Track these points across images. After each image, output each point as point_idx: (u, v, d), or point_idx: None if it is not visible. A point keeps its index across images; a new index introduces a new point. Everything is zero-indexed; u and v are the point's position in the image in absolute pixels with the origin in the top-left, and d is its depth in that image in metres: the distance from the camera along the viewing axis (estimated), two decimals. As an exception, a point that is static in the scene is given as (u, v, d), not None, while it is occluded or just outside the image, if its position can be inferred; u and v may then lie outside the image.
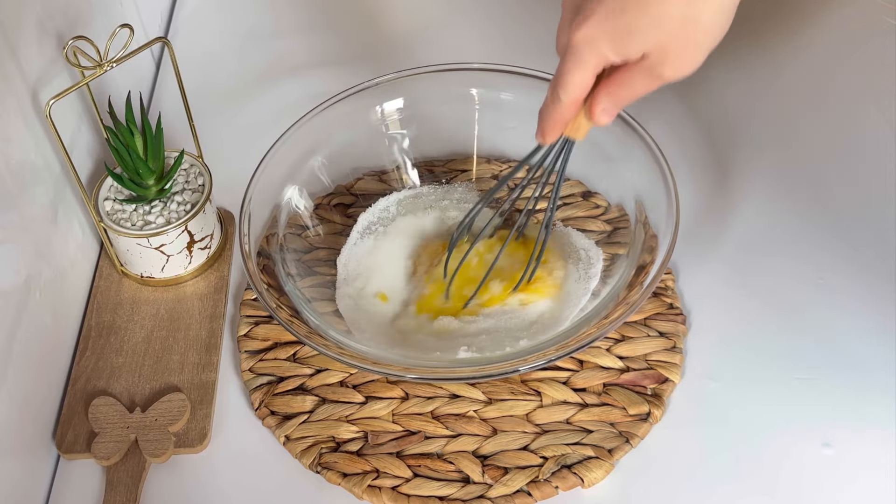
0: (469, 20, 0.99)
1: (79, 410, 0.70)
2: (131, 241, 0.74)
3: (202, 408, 0.70)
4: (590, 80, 0.57)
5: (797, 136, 0.85)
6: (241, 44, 0.99)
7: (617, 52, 0.55)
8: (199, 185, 0.77)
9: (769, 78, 0.90)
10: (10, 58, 0.67)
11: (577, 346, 0.62)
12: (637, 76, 0.56)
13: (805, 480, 0.65)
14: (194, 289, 0.77)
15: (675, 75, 0.56)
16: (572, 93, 0.58)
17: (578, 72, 0.56)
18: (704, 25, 0.54)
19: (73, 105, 0.77)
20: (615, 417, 0.68)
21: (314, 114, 0.75)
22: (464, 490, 0.65)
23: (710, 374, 0.71)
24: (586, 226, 0.77)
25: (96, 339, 0.74)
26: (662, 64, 0.55)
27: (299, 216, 0.76)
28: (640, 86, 0.57)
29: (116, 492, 0.65)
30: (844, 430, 0.67)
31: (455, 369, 0.65)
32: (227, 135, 0.88)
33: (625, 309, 0.63)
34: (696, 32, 0.54)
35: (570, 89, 0.57)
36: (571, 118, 0.60)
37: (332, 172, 0.79)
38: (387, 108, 0.78)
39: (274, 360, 0.72)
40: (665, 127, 0.84)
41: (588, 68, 0.56)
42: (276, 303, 0.66)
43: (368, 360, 0.63)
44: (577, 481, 0.65)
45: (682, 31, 0.53)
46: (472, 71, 0.77)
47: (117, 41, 0.69)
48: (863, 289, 0.74)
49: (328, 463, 0.67)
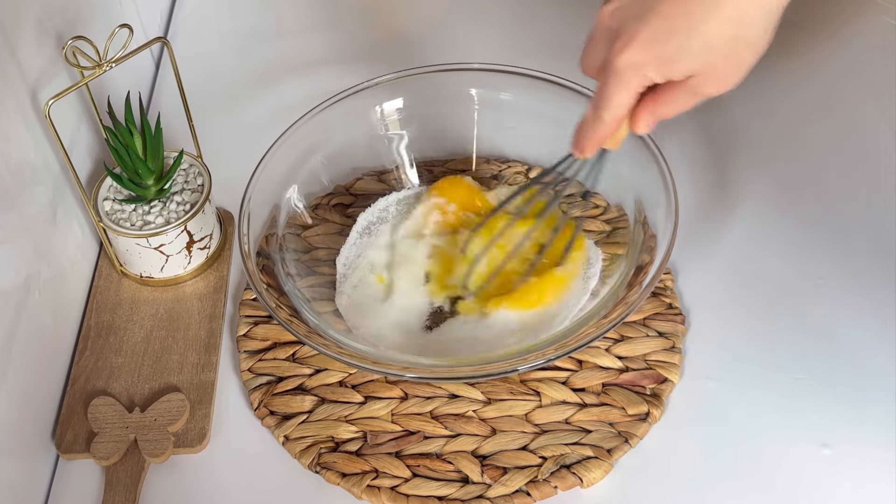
0: (468, 20, 0.99)
1: (78, 410, 0.70)
2: (131, 241, 0.74)
3: (201, 408, 0.70)
4: (633, 101, 0.57)
5: (797, 136, 0.85)
6: (240, 44, 0.99)
7: (663, 75, 0.55)
8: (198, 185, 0.77)
9: (768, 78, 0.90)
10: (10, 58, 0.67)
11: (577, 346, 0.62)
12: (680, 94, 0.56)
13: (804, 480, 0.65)
14: (193, 289, 0.77)
15: (717, 92, 0.56)
16: (616, 113, 0.57)
17: (622, 94, 0.56)
18: (751, 44, 0.54)
19: (73, 105, 0.77)
20: (614, 417, 0.68)
21: (313, 114, 0.75)
22: (463, 490, 0.65)
23: (709, 374, 0.71)
24: (586, 225, 0.77)
25: (95, 339, 0.74)
26: (707, 83, 0.55)
27: (299, 216, 0.76)
28: (683, 103, 0.57)
29: (116, 492, 0.65)
30: (843, 431, 0.67)
31: (454, 369, 0.65)
32: (227, 135, 0.88)
33: (624, 309, 0.63)
34: (745, 51, 0.54)
35: (614, 110, 0.57)
36: (612, 135, 0.60)
37: (331, 172, 0.79)
38: (386, 107, 0.79)
39: (273, 360, 0.72)
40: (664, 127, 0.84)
41: (631, 90, 0.56)
42: (275, 302, 0.66)
43: (368, 359, 0.63)
44: (576, 481, 0.65)
45: (731, 51, 0.53)
46: (471, 71, 0.77)
47: (117, 41, 0.69)
48: (862, 289, 0.74)
49: (327, 463, 0.67)
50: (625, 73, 0.55)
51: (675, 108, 0.57)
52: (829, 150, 0.84)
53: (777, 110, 0.87)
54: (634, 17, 0.54)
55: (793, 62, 0.91)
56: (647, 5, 0.54)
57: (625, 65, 0.54)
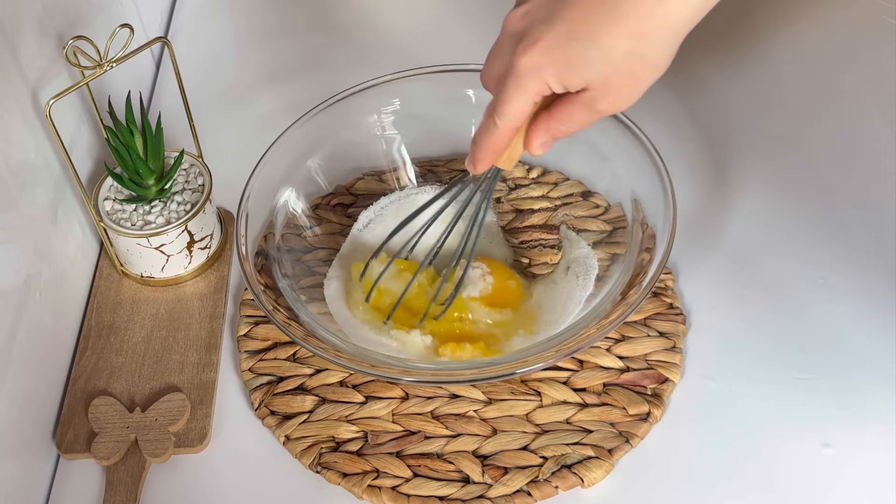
0: (466, 21, 0.99)
1: (79, 410, 0.70)
2: (131, 241, 0.74)
3: (202, 408, 0.70)
4: (529, 109, 0.56)
5: (796, 136, 0.85)
6: (241, 44, 0.99)
7: (561, 81, 0.54)
8: (198, 184, 0.77)
9: (768, 77, 0.90)
10: (10, 58, 0.67)
11: (578, 347, 0.62)
12: (576, 109, 0.55)
13: (804, 480, 0.65)
14: (194, 289, 0.77)
15: (611, 109, 0.55)
16: (509, 121, 0.56)
17: (519, 99, 0.55)
18: (649, 62, 0.53)
19: (73, 105, 0.77)
20: (615, 417, 0.68)
21: (313, 114, 0.75)
22: (464, 490, 0.65)
23: (710, 373, 0.71)
24: (586, 225, 0.77)
25: (96, 339, 0.74)
26: (603, 98, 0.54)
27: (298, 216, 0.76)
28: (578, 120, 0.56)
29: (116, 492, 0.65)
30: (844, 430, 0.67)
31: (454, 372, 0.65)
32: (227, 135, 0.88)
33: (624, 309, 0.63)
34: (641, 68, 0.53)
35: (508, 117, 0.56)
36: (505, 147, 0.59)
37: (330, 172, 0.79)
38: (385, 108, 0.78)
39: (274, 359, 0.72)
40: (663, 126, 0.84)
41: (529, 96, 0.55)
42: (273, 305, 0.66)
43: (366, 363, 0.63)
44: (576, 481, 0.65)
45: (627, 66, 0.53)
46: (469, 72, 0.77)
47: (117, 41, 0.69)
48: (863, 288, 0.74)
49: (328, 463, 0.67)
50: (524, 76, 0.54)
51: (571, 125, 0.56)
52: (829, 150, 0.84)
53: (776, 109, 0.88)
54: (541, 20, 0.54)
55: (792, 61, 0.91)
56: (553, 9, 0.53)
57: (526, 67, 0.54)
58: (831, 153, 0.83)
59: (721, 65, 0.91)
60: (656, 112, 0.85)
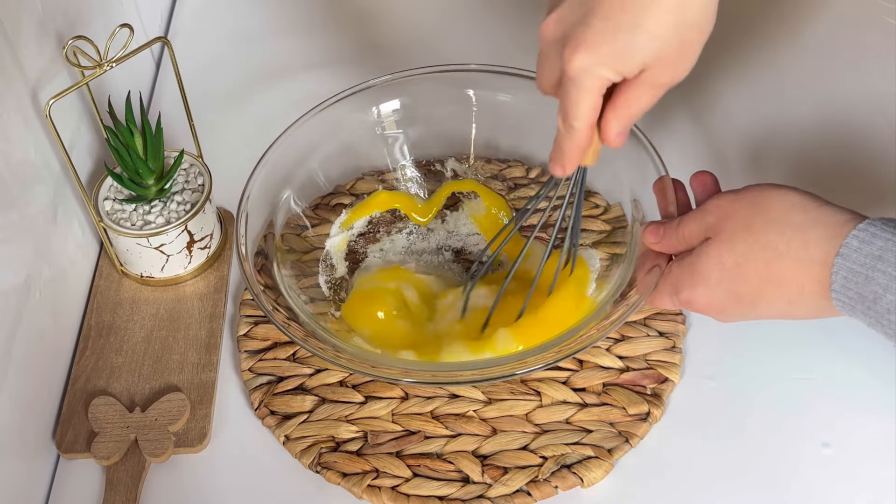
0: (467, 22, 0.99)
1: (79, 410, 0.70)
2: (131, 241, 0.74)
3: (202, 407, 0.70)
4: (598, 103, 0.56)
5: (796, 136, 0.85)
6: (241, 44, 0.99)
7: (618, 72, 0.54)
8: (198, 184, 0.77)
9: (768, 77, 0.90)
10: (10, 58, 0.67)
11: (579, 348, 0.62)
12: (640, 91, 0.56)
13: (804, 480, 0.65)
14: (194, 288, 0.77)
15: (673, 80, 0.55)
16: (585, 120, 0.57)
17: (585, 98, 0.56)
18: (696, 26, 0.54)
19: (73, 105, 0.77)
20: (615, 417, 0.68)
21: (313, 114, 0.75)
22: (463, 490, 0.65)
23: (710, 373, 0.71)
24: (587, 225, 0.77)
25: (96, 339, 0.74)
26: (662, 73, 0.54)
27: (298, 216, 0.76)
28: (645, 99, 0.56)
29: (116, 491, 0.65)
30: (844, 430, 0.67)
31: (454, 373, 0.65)
32: (227, 135, 0.88)
33: (625, 310, 0.63)
34: (690, 33, 0.54)
35: (582, 118, 0.56)
36: (589, 144, 0.59)
37: (330, 173, 0.79)
38: (385, 108, 0.78)
39: (274, 359, 0.72)
40: (662, 126, 0.84)
41: (592, 95, 0.55)
42: (272, 305, 0.65)
43: (366, 363, 0.63)
44: (576, 481, 0.65)
45: (676, 37, 0.53)
46: (469, 72, 0.77)
47: (117, 41, 0.69)
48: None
49: (328, 463, 0.67)
50: (581, 78, 0.54)
51: (639, 105, 0.57)
52: (829, 150, 0.84)
53: (775, 109, 0.88)
54: (577, 23, 0.54)
55: (792, 62, 0.91)
56: (586, 9, 0.53)
57: (579, 69, 0.54)
58: (830, 155, 0.83)
59: (720, 64, 0.91)
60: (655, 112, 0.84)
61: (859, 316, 0.54)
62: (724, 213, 0.59)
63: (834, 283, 0.54)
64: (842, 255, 0.54)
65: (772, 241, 0.56)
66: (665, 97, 0.57)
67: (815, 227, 0.55)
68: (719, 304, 0.59)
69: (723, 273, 0.58)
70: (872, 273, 0.52)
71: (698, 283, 0.59)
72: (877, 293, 0.52)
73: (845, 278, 0.53)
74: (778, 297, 0.57)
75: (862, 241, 0.53)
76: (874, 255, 0.52)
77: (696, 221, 0.61)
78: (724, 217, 0.59)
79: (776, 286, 0.56)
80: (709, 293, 0.59)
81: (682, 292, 0.61)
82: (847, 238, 0.54)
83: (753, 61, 0.91)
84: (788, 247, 0.56)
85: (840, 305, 0.54)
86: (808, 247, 0.55)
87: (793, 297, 0.56)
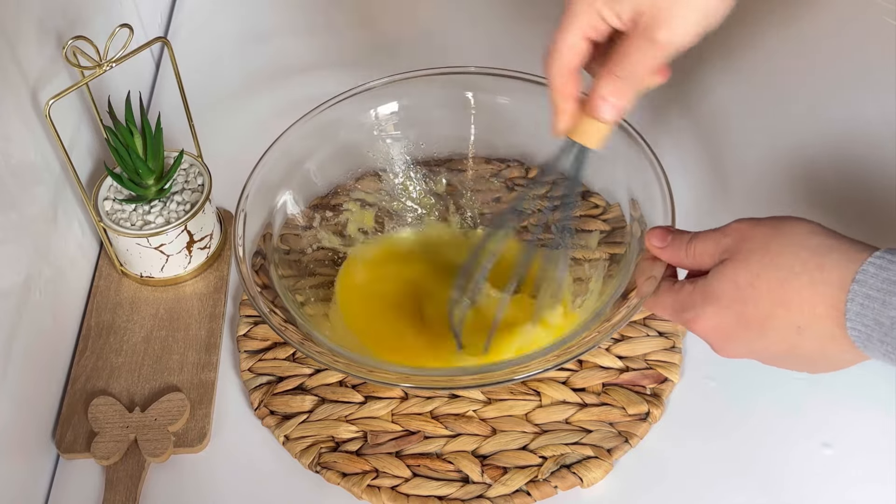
0: (466, 23, 0.99)
1: (78, 410, 0.70)
2: (131, 241, 0.74)
3: (201, 407, 0.70)
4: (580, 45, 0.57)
5: (795, 136, 0.85)
6: (241, 44, 0.99)
7: (612, 8, 0.55)
8: (198, 184, 0.77)
9: (767, 77, 0.90)
10: (10, 58, 0.67)
11: (580, 352, 0.62)
12: (634, 45, 0.56)
13: (804, 480, 0.65)
14: (194, 288, 0.77)
15: (670, 38, 0.55)
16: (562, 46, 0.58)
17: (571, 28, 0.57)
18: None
19: (73, 105, 0.77)
20: (614, 417, 0.68)
21: (313, 115, 0.75)
22: (463, 490, 0.65)
23: (710, 373, 0.71)
24: (586, 225, 0.77)
25: (96, 339, 0.74)
26: (657, 25, 0.54)
27: (297, 216, 0.76)
28: (639, 58, 0.56)
29: (116, 491, 0.66)
30: (844, 431, 0.67)
31: (453, 378, 0.65)
32: (227, 135, 0.88)
33: (626, 312, 0.63)
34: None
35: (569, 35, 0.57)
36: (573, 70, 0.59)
37: (330, 173, 0.79)
38: (384, 110, 0.78)
39: (273, 359, 0.72)
40: (661, 126, 0.84)
41: (581, 28, 0.57)
42: (269, 307, 0.65)
43: (363, 367, 0.63)
44: (576, 481, 0.65)
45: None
46: (468, 74, 0.77)
47: (117, 41, 0.69)
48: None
49: (327, 463, 0.67)
50: (576, 6, 0.56)
51: (633, 64, 0.56)
52: (828, 150, 0.84)
53: (774, 109, 0.88)
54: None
55: (791, 61, 0.91)
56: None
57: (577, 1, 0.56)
58: (830, 154, 0.83)
59: (719, 64, 0.91)
60: (653, 111, 0.85)
61: (875, 344, 0.52)
62: (742, 236, 0.58)
63: (849, 312, 0.52)
64: (858, 281, 0.52)
65: (787, 262, 0.55)
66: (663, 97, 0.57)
67: (831, 252, 0.55)
68: (726, 328, 0.58)
69: (736, 293, 0.57)
70: (890, 298, 0.51)
71: (708, 303, 0.58)
72: (894, 318, 0.51)
73: (861, 305, 0.52)
74: (787, 322, 0.55)
75: (879, 266, 0.52)
76: (891, 280, 0.51)
77: (713, 242, 0.60)
78: (741, 239, 0.58)
79: (786, 309, 0.55)
80: (718, 315, 0.58)
81: (689, 311, 0.59)
82: (864, 264, 0.53)
83: (752, 60, 0.91)
84: (804, 268, 0.55)
85: (855, 335, 0.53)
86: (823, 270, 0.54)
87: (803, 323, 0.55)
